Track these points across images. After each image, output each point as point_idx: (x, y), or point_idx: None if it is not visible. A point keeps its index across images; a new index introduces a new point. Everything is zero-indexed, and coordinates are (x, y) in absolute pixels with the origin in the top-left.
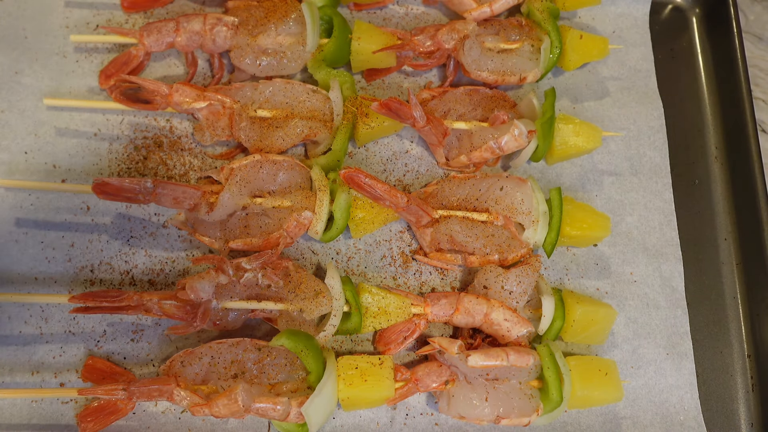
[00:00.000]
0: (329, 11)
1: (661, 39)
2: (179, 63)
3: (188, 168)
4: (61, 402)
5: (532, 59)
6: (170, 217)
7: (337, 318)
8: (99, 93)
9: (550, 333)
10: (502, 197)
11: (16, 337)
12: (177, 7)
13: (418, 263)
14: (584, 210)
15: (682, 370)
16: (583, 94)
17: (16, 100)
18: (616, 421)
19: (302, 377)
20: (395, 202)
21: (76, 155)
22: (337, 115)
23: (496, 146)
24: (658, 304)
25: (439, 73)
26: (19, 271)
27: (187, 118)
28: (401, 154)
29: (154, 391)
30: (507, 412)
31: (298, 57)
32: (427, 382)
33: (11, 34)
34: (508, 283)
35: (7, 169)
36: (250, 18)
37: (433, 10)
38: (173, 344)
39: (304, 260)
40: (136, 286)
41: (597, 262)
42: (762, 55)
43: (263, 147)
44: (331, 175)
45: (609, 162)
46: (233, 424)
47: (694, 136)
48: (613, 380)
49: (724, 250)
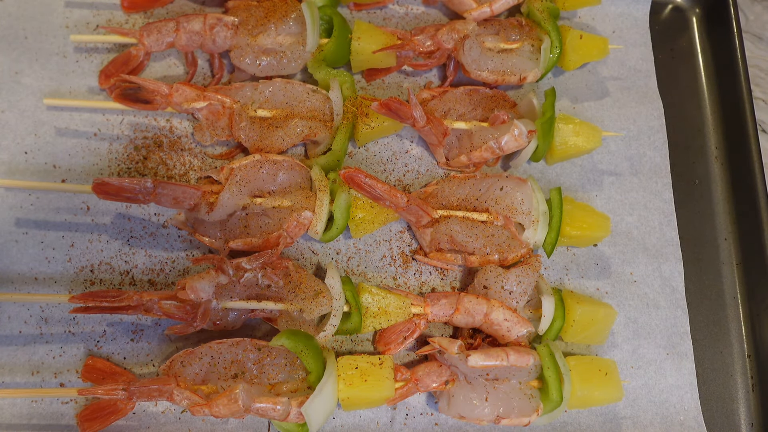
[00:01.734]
0: (329, 11)
1: (661, 39)
2: (179, 63)
3: (188, 168)
4: (61, 402)
5: (532, 59)
6: (170, 217)
7: (337, 318)
8: (99, 93)
9: (550, 333)
10: (502, 197)
11: (16, 337)
12: (177, 7)
13: (418, 263)
14: (584, 210)
15: (682, 370)
16: (583, 94)
17: (16, 100)
18: (616, 421)
19: (302, 377)
20: (395, 202)
21: (76, 155)
22: (337, 115)
23: (496, 146)
24: (658, 304)
25: (439, 73)
26: (19, 271)
27: (187, 118)
28: (401, 154)
29: (154, 391)
30: (507, 412)
31: (298, 57)
32: (427, 382)
33: (11, 34)
34: (508, 283)
35: (7, 169)
36: (250, 18)
37: (433, 10)
38: (173, 344)
39: (304, 260)
40: (136, 286)
41: (597, 262)
42: (762, 55)
43: (263, 147)
44: (331, 175)
45: (609, 162)
46: (233, 424)
47: (694, 136)
48: (613, 380)
49: (724, 250)
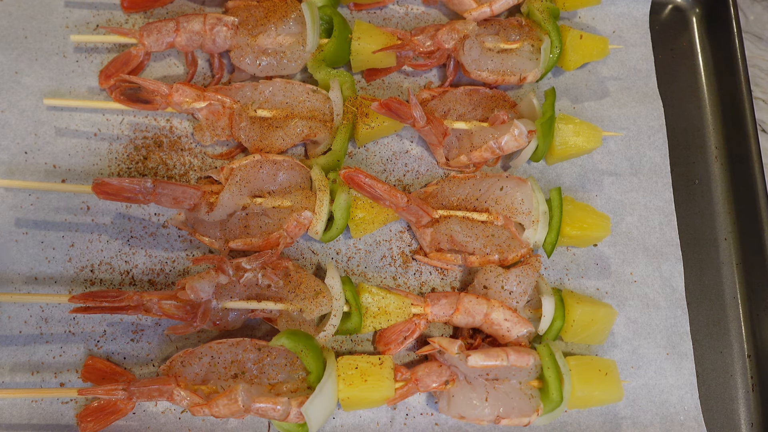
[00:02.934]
0: (329, 11)
1: (661, 39)
2: (179, 63)
3: (188, 168)
4: (61, 402)
5: (532, 59)
6: (170, 217)
7: (337, 318)
8: (99, 93)
9: (550, 333)
10: (502, 197)
11: (16, 337)
12: (177, 7)
13: (418, 263)
14: (584, 210)
15: (682, 370)
16: (583, 94)
17: (16, 100)
18: (616, 421)
19: (302, 377)
20: (395, 202)
21: (76, 155)
22: (337, 115)
23: (496, 146)
24: (658, 304)
25: (439, 73)
26: (19, 271)
27: (187, 118)
28: (401, 154)
29: (154, 391)
30: (507, 412)
31: (298, 57)
32: (427, 382)
33: (11, 34)
34: (508, 283)
35: (7, 169)
36: (250, 18)
37: (433, 10)
38: (173, 344)
39: (304, 260)
40: (136, 286)
41: (597, 262)
42: (762, 55)
43: (263, 147)
44: (331, 175)
45: (609, 162)
46: (233, 424)
47: (694, 136)
48: (613, 380)
49: (724, 250)
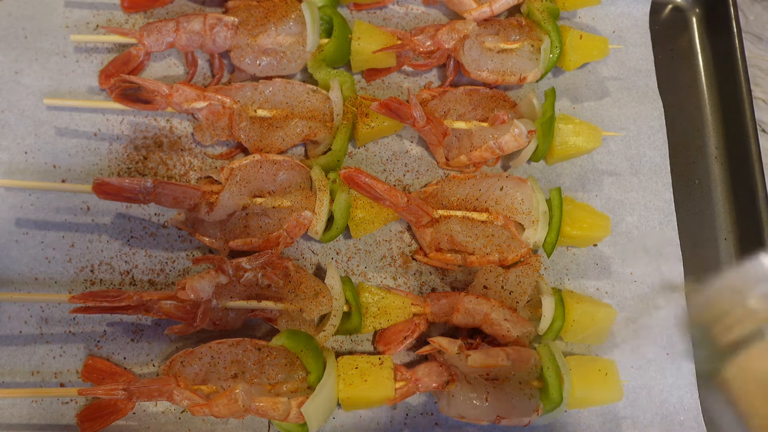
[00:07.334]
0: (329, 11)
1: (661, 39)
2: (179, 63)
3: (188, 168)
4: (61, 402)
5: (532, 59)
6: (170, 217)
7: (337, 318)
8: (99, 93)
9: (550, 333)
10: (502, 197)
11: (16, 337)
12: (177, 7)
13: (418, 263)
14: (584, 210)
15: (682, 370)
16: (583, 94)
17: (16, 100)
18: (616, 421)
19: (302, 377)
20: (395, 202)
21: (76, 155)
22: (337, 115)
23: (496, 146)
24: (658, 304)
25: (439, 73)
26: (19, 271)
27: (187, 118)
28: (401, 154)
29: (154, 391)
30: (507, 412)
31: (298, 57)
32: (427, 382)
33: (11, 34)
34: (508, 283)
35: (7, 169)
36: (250, 18)
37: (433, 10)
38: (173, 344)
39: (304, 260)
40: (136, 286)
41: (597, 262)
42: (762, 55)
43: (263, 147)
44: (331, 175)
45: (609, 162)
46: (233, 424)
47: (694, 136)
48: (613, 380)
49: (724, 250)
